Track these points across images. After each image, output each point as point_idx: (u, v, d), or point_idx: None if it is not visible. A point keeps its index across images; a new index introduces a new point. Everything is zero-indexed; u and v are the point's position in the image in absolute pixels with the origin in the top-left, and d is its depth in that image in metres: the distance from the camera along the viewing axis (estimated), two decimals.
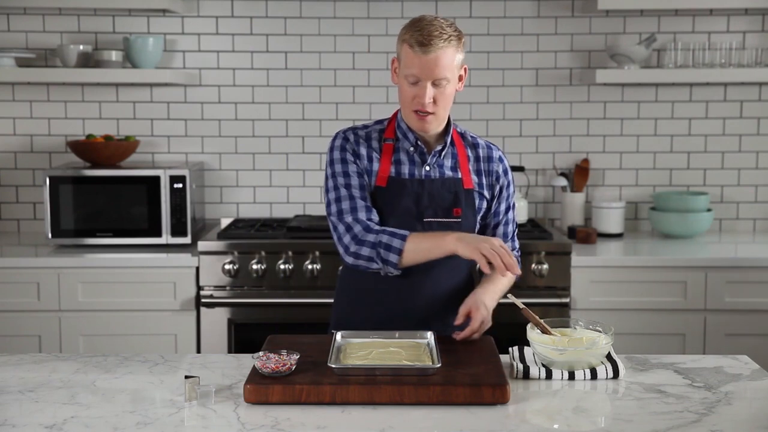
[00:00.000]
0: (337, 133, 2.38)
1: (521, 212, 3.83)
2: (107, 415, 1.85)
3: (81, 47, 3.83)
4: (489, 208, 2.41)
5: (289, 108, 4.03)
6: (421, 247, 2.22)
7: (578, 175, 3.99)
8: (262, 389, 1.89)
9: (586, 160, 4.00)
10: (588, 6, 3.91)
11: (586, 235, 3.74)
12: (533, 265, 3.48)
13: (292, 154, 4.04)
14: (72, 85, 3.99)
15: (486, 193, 2.39)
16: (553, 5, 3.98)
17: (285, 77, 4.01)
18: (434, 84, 2.23)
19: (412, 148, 2.35)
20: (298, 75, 4.01)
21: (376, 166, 2.34)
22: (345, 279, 2.45)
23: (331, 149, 2.36)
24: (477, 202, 2.37)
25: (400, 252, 2.22)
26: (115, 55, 3.86)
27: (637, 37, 3.99)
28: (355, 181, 2.32)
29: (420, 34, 2.20)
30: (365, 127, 2.40)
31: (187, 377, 1.92)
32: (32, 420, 1.82)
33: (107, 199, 3.63)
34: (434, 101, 2.24)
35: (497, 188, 2.41)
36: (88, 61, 3.86)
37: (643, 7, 3.81)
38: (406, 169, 2.34)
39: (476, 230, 2.39)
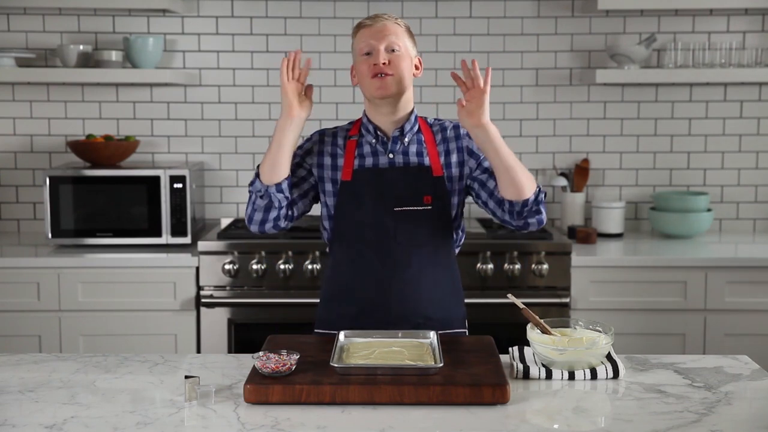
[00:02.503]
0: (311, 135, 2.45)
1: None
2: (107, 415, 1.85)
3: (81, 47, 3.83)
4: (472, 179, 2.38)
5: None
6: (269, 153, 2.28)
7: (578, 175, 3.99)
8: (262, 389, 1.89)
9: (586, 160, 4.00)
10: (588, 6, 3.91)
11: (586, 235, 3.74)
12: (533, 265, 3.48)
13: None
14: (72, 85, 3.99)
15: (458, 172, 2.37)
16: (553, 5, 3.98)
17: None
18: (387, 51, 2.30)
19: (374, 140, 2.37)
20: None
21: (341, 161, 2.38)
22: (326, 277, 2.48)
23: (299, 146, 2.43)
24: (449, 186, 2.36)
25: (257, 168, 2.31)
26: (115, 55, 3.86)
27: (637, 37, 3.99)
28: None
29: (368, 16, 2.38)
30: (336, 127, 2.47)
31: (187, 377, 1.92)
32: (32, 420, 1.82)
33: (107, 199, 3.63)
34: (390, 63, 2.30)
35: (473, 161, 2.37)
36: (88, 61, 3.86)
37: (643, 7, 3.81)
38: (369, 161, 2.37)
39: (454, 215, 2.38)
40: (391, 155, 2.36)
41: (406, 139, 2.37)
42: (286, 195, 2.31)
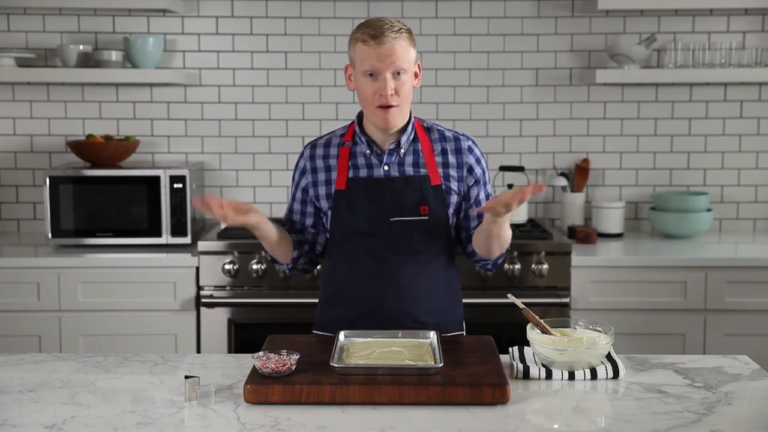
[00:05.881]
0: (303, 149, 2.44)
1: (521, 212, 3.82)
2: (107, 415, 1.85)
3: (81, 47, 3.83)
4: (462, 200, 2.37)
5: (289, 108, 4.03)
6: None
7: (578, 175, 3.99)
8: (262, 389, 1.89)
9: (586, 160, 4.00)
10: (588, 6, 3.91)
11: (586, 235, 3.74)
12: (533, 265, 3.48)
13: (291, 154, 4.04)
14: (72, 85, 3.99)
15: (456, 187, 2.35)
16: (553, 5, 3.98)
17: (285, 77, 4.02)
18: (393, 76, 2.23)
19: (368, 151, 2.34)
20: (298, 75, 4.01)
21: (334, 175, 2.35)
22: (324, 280, 2.47)
23: (295, 165, 2.45)
24: (446, 197, 2.33)
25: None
26: (115, 55, 3.86)
27: (637, 37, 3.99)
28: (297, 206, 2.44)
29: (371, 29, 2.25)
30: (330, 132, 2.44)
31: (187, 377, 1.92)
32: (32, 420, 1.82)
33: (107, 199, 3.63)
34: (396, 93, 2.24)
35: (471, 180, 2.37)
36: (88, 61, 3.86)
37: (643, 7, 3.81)
38: (364, 172, 2.34)
39: (451, 224, 2.36)
40: (386, 167, 2.33)
41: (402, 151, 2.34)
42: (302, 254, 2.42)
